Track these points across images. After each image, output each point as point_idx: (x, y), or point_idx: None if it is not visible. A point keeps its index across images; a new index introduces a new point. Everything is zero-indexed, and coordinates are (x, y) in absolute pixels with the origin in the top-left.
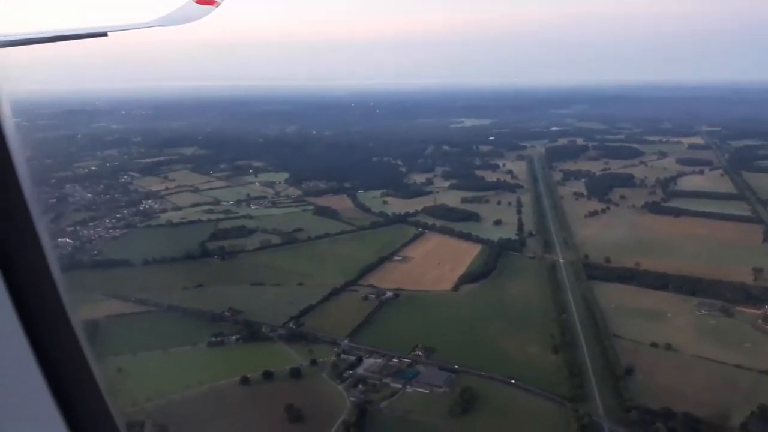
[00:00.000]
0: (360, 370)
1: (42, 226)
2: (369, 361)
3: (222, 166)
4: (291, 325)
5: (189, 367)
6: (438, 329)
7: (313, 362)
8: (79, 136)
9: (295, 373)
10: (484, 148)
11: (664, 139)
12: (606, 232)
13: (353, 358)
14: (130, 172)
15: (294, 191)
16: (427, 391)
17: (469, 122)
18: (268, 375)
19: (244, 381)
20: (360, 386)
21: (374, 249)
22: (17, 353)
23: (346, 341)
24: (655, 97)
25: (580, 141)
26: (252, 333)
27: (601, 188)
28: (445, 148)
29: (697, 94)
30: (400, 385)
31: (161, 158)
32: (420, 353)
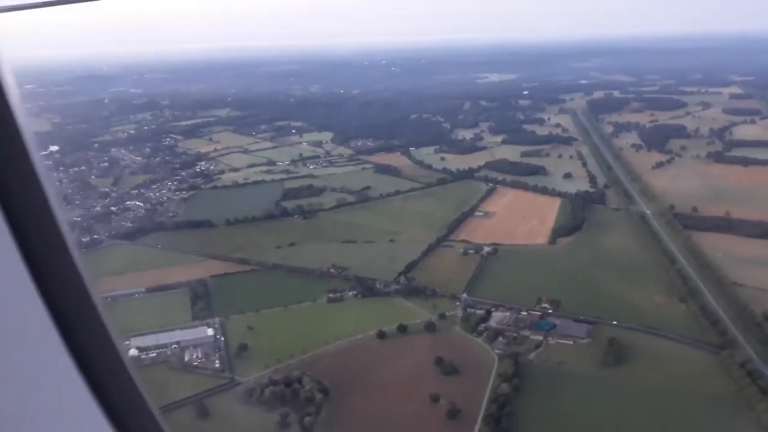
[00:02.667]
0: (492, 323)
1: (43, 170)
2: (498, 315)
3: (263, 127)
4: (402, 280)
5: (318, 323)
6: (552, 282)
7: (442, 316)
8: (106, 100)
9: (430, 327)
10: (522, 102)
11: (703, 90)
12: (680, 182)
13: (480, 311)
14: (172, 135)
15: (344, 150)
16: (571, 343)
17: (494, 77)
18: (402, 329)
19: (381, 335)
20: (500, 339)
21: (451, 205)
22: (24, 298)
23: (465, 295)
24: (671, 48)
25: (616, 93)
26: (367, 289)
27: (657, 139)
28: (483, 103)
29: (710, 45)
30: (540, 337)
31: (197, 120)
32: (547, 305)
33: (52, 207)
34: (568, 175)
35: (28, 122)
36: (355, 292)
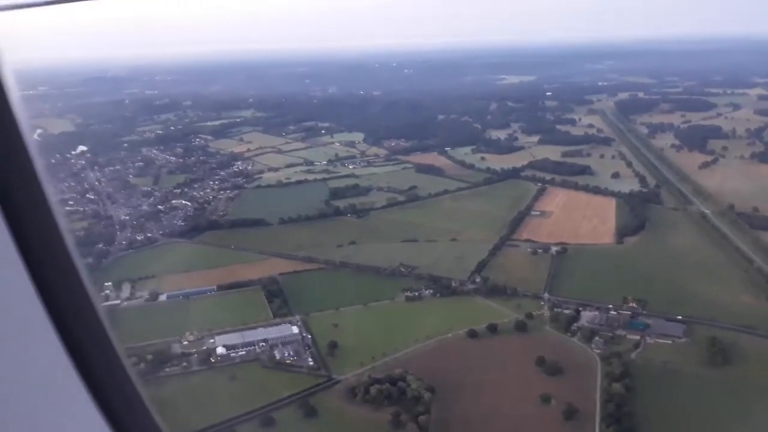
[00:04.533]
0: (584, 323)
1: (44, 173)
2: (587, 314)
3: (291, 128)
4: (477, 279)
5: (402, 321)
6: (631, 281)
7: (529, 315)
8: (126, 101)
9: (520, 327)
10: (548, 103)
11: (729, 91)
12: (731, 182)
13: (567, 311)
14: (201, 135)
15: (378, 150)
16: (670, 342)
17: (512, 79)
18: (492, 328)
19: (472, 334)
20: (596, 338)
21: (505, 204)
22: (23, 297)
23: (547, 294)
24: (684, 50)
25: (641, 95)
26: (444, 288)
27: (695, 140)
28: (509, 104)
29: (723, 47)
30: (637, 337)
31: (224, 121)
32: (635, 305)
33: (52, 209)
34: (615, 175)
35: (28, 124)
36: (431, 291)
